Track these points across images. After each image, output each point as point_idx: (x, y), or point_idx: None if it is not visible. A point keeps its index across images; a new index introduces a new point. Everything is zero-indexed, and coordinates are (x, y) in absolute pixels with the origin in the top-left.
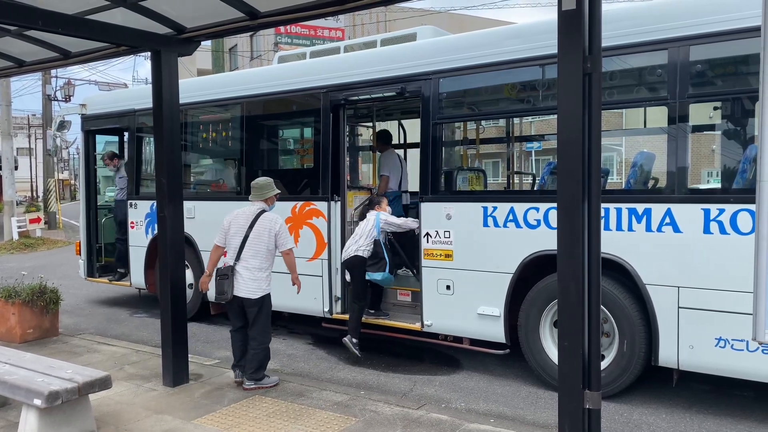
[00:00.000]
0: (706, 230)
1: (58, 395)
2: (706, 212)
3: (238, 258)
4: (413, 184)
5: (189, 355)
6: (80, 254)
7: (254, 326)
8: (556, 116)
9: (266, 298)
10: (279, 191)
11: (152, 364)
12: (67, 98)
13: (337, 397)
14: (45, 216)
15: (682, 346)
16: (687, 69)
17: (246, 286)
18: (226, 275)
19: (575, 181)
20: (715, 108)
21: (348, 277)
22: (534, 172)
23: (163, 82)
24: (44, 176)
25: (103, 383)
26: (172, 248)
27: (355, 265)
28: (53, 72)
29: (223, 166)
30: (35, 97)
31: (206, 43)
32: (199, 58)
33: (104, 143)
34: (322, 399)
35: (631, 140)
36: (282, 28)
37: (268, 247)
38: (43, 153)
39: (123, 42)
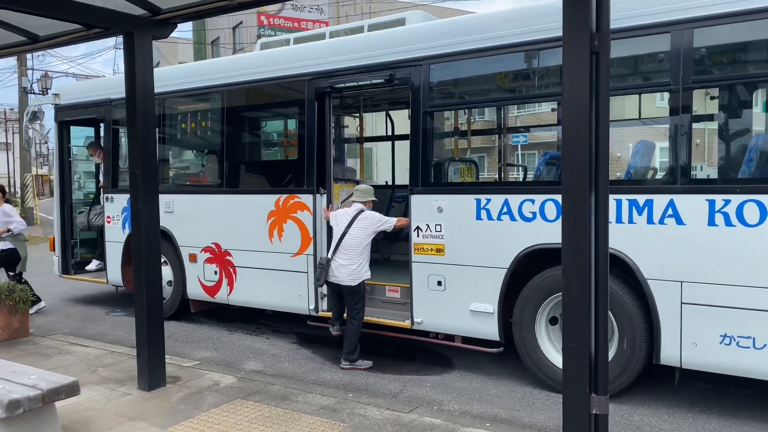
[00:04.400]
0: (711, 222)
1: (20, 404)
2: (711, 203)
3: (336, 251)
4: (403, 176)
5: (166, 357)
6: (54, 250)
7: (353, 309)
8: (552, 104)
9: (362, 285)
10: (376, 200)
11: (127, 366)
12: (45, 91)
13: (323, 401)
14: (22, 212)
15: (685, 344)
16: (691, 53)
17: (343, 274)
18: (322, 266)
19: (582, 170)
20: (721, 94)
21: None
22: (527, 163)
23: (137, 67)
24: (20, 171)
25: (70, 390)
26: (147, 243)
27: None
28: (29, 64)
29: (203, 158)
30: (12, 90)
31: (188, 36)
32: (181, 50)
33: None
34: (308, 402)
35: (632, 129)
36: (265, 20)
37: (364, 242)
38: (20, 147)
39: (93, 22)
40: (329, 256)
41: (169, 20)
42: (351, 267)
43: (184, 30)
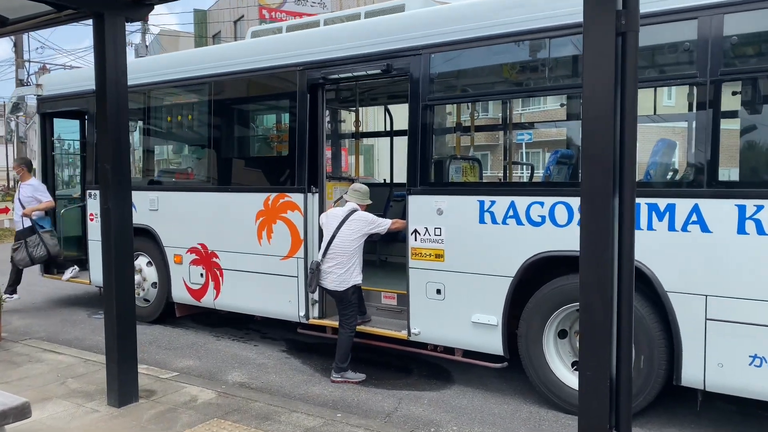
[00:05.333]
0: (741, 230)
1: None
2: (741, 209)
3: (325, 254)
4: (401, 173)
5: (144, 367)
6: None
7: (343, 316)
8: (563, 98)
9: (349, 290)
10: (372, 202)
11: (99, 377)
12: None
13: (308, 421)
14: None
15: (710, 364)
16: (720, 41)
17: (335, 280)
18: (313, 270)
19: (604, 169)
20: (753, 87)
21: None
22: (534, 162)
23: (107, 53)
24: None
25: (20, 413)
26: (118, 245)
27: None
28: (26, 56)
29: (189, 154)
30: (10, 83)
31: (190, 29)
32: (183, 44)
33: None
34: (291, 423)
35: (653, 126)
36: (267, 14)
37: (354, 245)
38: (17, 140)
39: (61, 1)
40: (319, 259)
41: (144, 0)
42: (339, 271)
43: (186, 23)
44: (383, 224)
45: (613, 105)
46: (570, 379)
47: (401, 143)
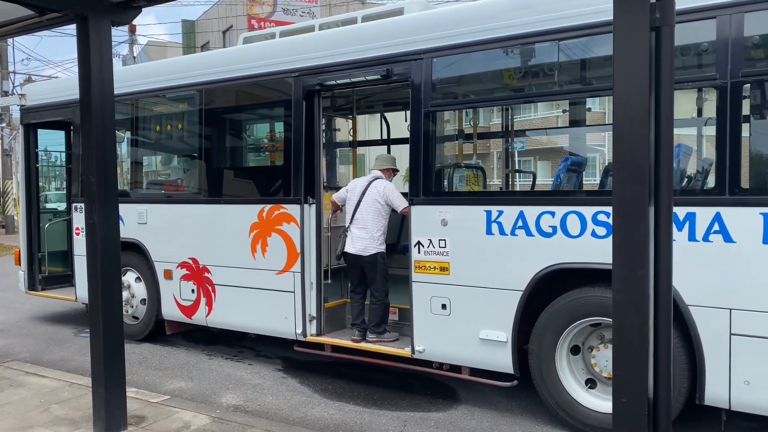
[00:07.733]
0: (767, 240)
1: None
2: (767, 217)
3: (352, 220)
4: (397, 182)
5: (133, 390)
6: (20, 264)
7: (372, 282)
8: (577, 101)
9: (378, 257)
10: (398, 169)
11: (86, 402)
12: None
13: None
14: (2, 220)
15: (735, 382)
16: (741, 41)
17: (358, 245)
18: (342, 234)
19: (639, 177)
20: None
21: None
22: (544, 170)
23: (92, 58)
24: (1, 177)
25: None
26: (105, 261)
27: None
28: (11, 67)
29: (179, 164)
30: None
31: (178, 39)
32: (171, 55)
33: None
34: None
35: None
36: (255, 24)
37: (376, 209)
38: (1, 153)
39: (41, 3)
40: (347, 225)
41: (132, 2)
42: (365, 236)
43: (174, 33)
44: (400, 198)
45: (648, 106)
46: (584, 397)
47: (397, 152)
